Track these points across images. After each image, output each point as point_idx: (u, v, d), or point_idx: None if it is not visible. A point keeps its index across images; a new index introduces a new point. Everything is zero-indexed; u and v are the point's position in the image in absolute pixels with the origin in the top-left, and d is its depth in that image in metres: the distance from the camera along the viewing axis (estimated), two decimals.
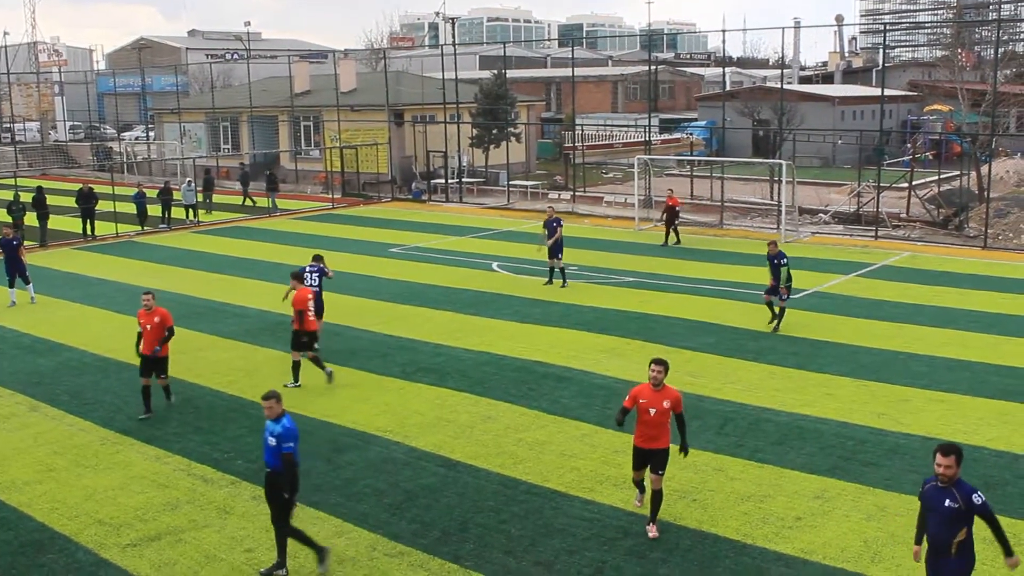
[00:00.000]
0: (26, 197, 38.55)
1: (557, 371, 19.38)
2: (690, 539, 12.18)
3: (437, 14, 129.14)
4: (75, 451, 15.68)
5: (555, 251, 27.40)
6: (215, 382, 19.13)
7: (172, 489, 14.09)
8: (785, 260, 22.23)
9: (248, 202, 48.05)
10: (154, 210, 41.41)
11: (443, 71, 50.93)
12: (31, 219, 37.62)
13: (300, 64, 63.40)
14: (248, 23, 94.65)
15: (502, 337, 22.05)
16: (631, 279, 28.07)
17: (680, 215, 34.81)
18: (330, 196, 49.30)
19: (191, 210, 42.67)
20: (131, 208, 40.82)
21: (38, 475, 14.71)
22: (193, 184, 43.71)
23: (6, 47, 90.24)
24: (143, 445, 15.87)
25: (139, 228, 40.18)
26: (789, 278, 22.33)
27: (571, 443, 15.48)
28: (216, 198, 48.30)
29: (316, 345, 18.99)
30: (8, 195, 41.22)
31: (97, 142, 77.29)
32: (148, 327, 17.04)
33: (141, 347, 17.09)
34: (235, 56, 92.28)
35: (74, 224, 39.42)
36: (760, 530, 12.38)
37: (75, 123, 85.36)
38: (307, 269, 20.93)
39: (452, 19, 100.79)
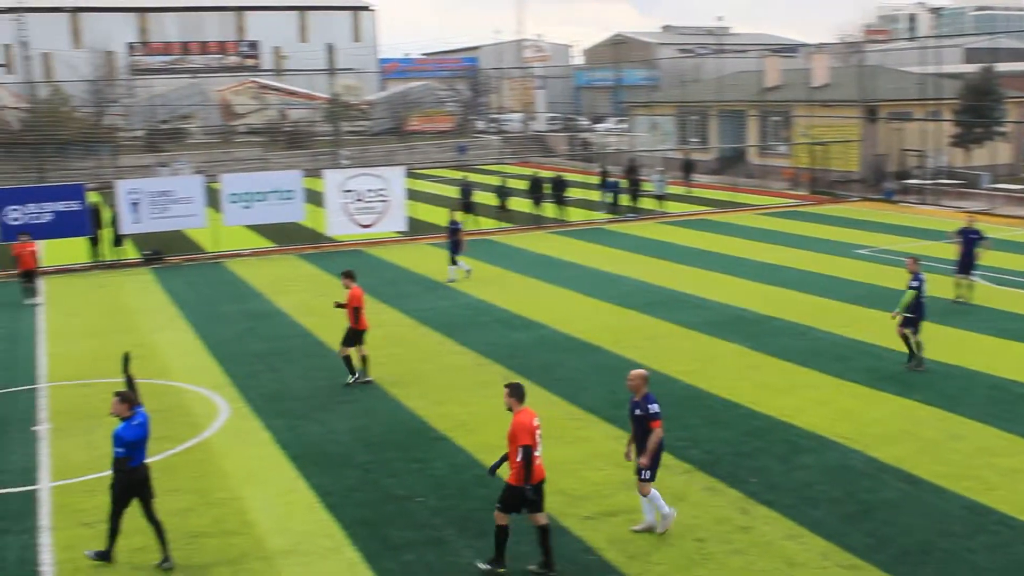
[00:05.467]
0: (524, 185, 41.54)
1: None
2: None
3: (920, 3, 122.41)
4: (544, 423, 16.60)
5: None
6: (673, 370, 19.55)
7: (630, 470, 14.50)
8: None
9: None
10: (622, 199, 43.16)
11: (923, 65, 48.17)
12: (517, 203, 40.73)
13: (770, 58, 62.85)
14: (720, 17, 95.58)
15: (977, 351, 20.50)
16: None
17: None
18: (796, 193, 48.51)
19: (661, 200, 43.87)
20: (605, 196, 42.94)
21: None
22: (664, 175, 44.89)
23: (498, 44, 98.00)
24: (606, 424, 16.57)
25: (609, 216, 42.02)
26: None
27: None
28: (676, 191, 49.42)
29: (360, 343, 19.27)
30: (494, 180, 44.79)
31: (572, 133, 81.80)
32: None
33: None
34: (705, 51, 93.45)
35: (547, 209, 41.88)
36: None
37: (553, 115, 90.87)
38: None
39: (935, 10, 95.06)
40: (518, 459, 11.34)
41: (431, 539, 12.51)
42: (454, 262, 29.45)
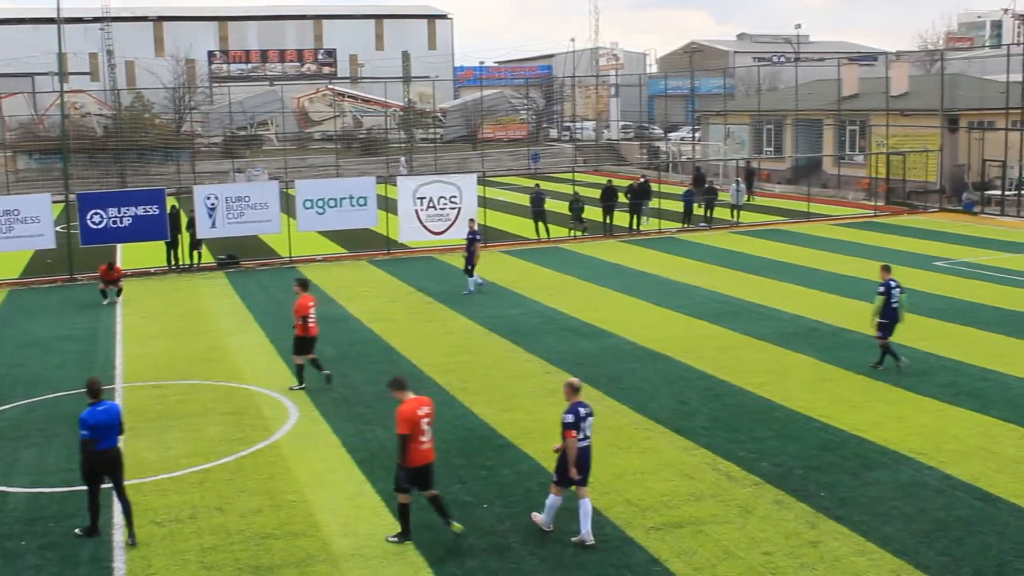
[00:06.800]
0: (591, 192, 41.53)
1: None
2: None
3: (1005, 11, 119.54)
4: (610, 432, 16.59)
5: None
6: (745, 382, 19.32)
7: (697, 481, 14.43)
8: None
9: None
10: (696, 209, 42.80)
11: (1008, 73, 47.08)
12: (591, 212, 40.65)
13: (849, 67, 61.95)
14: (798, 25, 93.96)
15: None
16: None
17: None
18: (872, 203, 47.71)
19: (736, 211, 43.48)
20: (677, 206, 42.60)
21: None
22: (741, 185, 44.59)
23: (574, 52, 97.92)
24: (672, 435, 16.42)
25: (682, 225, 41.72)
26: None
27: None
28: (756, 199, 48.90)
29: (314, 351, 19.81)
30: (569, 188, 44.69)
31: (645, 141, 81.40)
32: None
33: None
34: (782, 59, 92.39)
35: (621, 218, 41.66)
36: None
37: (626, 123, 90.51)
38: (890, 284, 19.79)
39: (1021, 16, 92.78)
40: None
41: (495, 546, 12.49)
42: (470, 273, 28.97)
